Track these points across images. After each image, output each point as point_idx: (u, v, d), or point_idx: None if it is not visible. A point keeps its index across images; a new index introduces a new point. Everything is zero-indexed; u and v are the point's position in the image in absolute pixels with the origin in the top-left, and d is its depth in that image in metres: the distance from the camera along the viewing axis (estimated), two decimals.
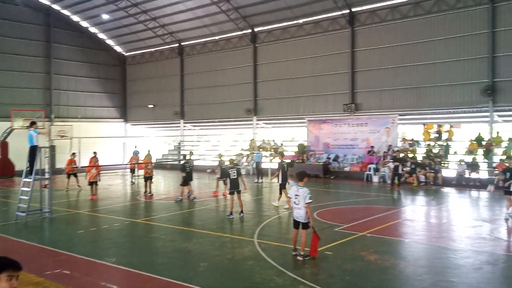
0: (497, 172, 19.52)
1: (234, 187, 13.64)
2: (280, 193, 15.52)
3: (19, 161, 19.86)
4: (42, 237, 12.27)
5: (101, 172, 22.36)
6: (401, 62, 26.61)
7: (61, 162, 32.33)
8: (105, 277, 8.40)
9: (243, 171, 17.76)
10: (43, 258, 9.79)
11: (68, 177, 22.26)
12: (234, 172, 13.62)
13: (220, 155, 20.34)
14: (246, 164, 29.53)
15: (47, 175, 14.54)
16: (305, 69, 30.78)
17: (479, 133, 24.45)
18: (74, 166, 22.66)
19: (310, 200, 9.10)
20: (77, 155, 23.57)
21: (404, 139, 26.14)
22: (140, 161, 24.64)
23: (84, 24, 39.22)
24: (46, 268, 8.83)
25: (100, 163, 23.54)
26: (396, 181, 20.54)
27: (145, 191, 19.49)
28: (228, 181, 13.63)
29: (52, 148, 30.84)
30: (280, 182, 15.65)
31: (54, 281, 8.00)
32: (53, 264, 9.21)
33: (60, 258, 9.66)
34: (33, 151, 14.28)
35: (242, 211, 13.94)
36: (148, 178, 19.62)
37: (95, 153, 21.06)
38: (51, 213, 14.34)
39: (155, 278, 8.20)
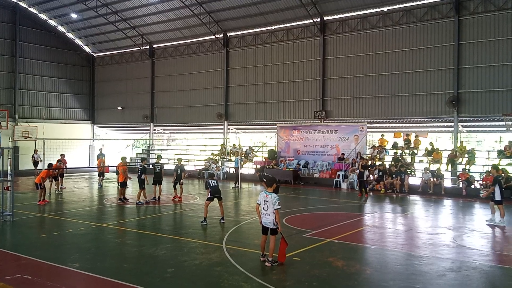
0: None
1: (215, 193, 13.49)
2: None
3: None
4: (3, 241, 11.82)
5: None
6: (370, 71, 27.15)
7: (25, 164, 31.59)
8: (68, 283, 8.17)
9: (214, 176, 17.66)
10: (4, 262, 9.44)
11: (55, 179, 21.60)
12: (214, 182, 13.65)
13: (179, 159, 19.98)
14: (216, 168, 29.41)
15: (9, 177, 14.06)
16: (276, 75, 31.00)
17: (431, 143, 25.16)
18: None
19: (279, 206, 9.10)
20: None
21: (373, 147, 26.57)
22: (107, 165, 24.38)
23: (52, 23, 38.38)
24: (7, 273, 8.53)
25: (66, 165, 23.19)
26: (363, 188, 20.85)
27: (120, 198, 18.42)
28: (209, 189, 13.54)
29: (16, 149, 30.07)
30: None
31: (15, 286, 7.74)
32: (14, 268, 8.90)
33: (21, 263, 9.34)
34: None
35: (223, 218, 13.84)
36: (124, 184, 18.60)
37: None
38: (13, 216, 13.87)
39: (120, 284, 8.02)
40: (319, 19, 28.63)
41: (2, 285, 7.80)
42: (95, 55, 42.07)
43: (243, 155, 29.95)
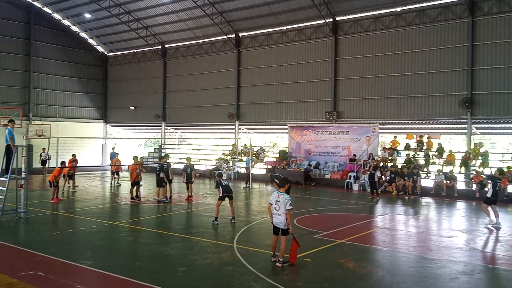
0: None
1: (227, 192, 13.58)
2: None
3: None
4: (17, 238, 11.98)
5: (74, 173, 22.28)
6: (382, 72, 26.97)
7: (39, 162, 31.91)
8: (81, 280, 8.23)
9: (224, 176, 17.73)
10: (17, 259, 9.55)
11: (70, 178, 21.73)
12: (225, 181, 13.87)
13: (188, 159, 20.18)
14: (227, 168, 29.43)
15: (23, 175, 14.23)
16: (288, 76, 30.95)
17: (439, 144, 24.89)
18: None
19: (291, 207, 9.09)
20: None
21: (384, 148, 26.41)
22: (122, 164, 24.62)
23: (66, 22, 38.76)
24: (20, 269, 8.62)
25: (78, 164, 23.38)
26: (374, 190, 20.69)
27: (132, 196, 18.54)
28: (220, 189, 13.64)
29: (29, 148, 30.38)
30: None
31: (28, 283, 7.83)
32: (27, 265, 8.99)
33: (35, 260, 9.44)
34: (9, 149, 13.97)
35: (234, 218, 13.88)
36: (136, 183, 18.77)
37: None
38: (27, 214, 14.05)
39: (131, 282, 8.07)
40: (331, 20, 28.52)
41: (15, 281, 7.89)
42: (108, 54, 42.40)
43: (254, 155, 29.94)
